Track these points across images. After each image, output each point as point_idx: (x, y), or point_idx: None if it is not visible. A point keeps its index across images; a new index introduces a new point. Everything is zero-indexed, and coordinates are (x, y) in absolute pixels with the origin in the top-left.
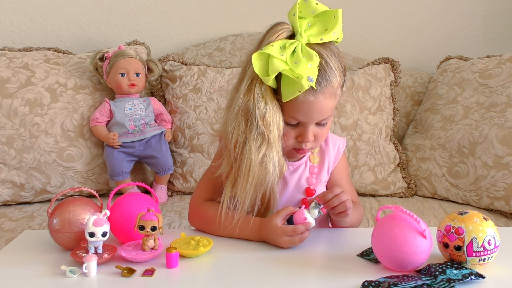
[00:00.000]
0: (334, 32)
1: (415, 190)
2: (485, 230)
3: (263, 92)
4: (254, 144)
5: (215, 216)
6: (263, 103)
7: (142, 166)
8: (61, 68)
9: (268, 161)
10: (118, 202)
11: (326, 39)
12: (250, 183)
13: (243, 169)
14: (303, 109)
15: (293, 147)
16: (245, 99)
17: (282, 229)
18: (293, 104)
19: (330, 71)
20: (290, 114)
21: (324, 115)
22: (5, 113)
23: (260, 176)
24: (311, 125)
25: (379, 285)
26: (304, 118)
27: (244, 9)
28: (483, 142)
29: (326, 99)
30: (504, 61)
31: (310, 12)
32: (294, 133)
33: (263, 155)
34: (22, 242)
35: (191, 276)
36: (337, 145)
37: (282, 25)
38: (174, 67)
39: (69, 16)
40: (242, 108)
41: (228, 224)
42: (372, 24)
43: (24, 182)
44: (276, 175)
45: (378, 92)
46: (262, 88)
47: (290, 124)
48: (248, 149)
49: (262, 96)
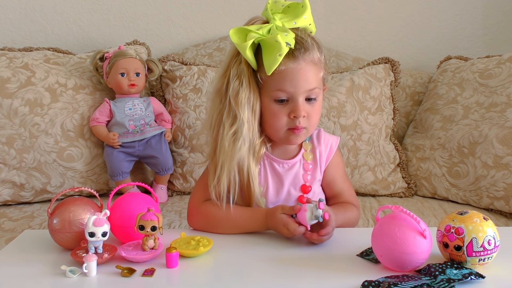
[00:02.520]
0: (305, 16)
1: (415, 190)
2: (485, 230)
3: (239, 71)
4: (227, 122)
5: (217, 213)
6: (237, 82)
7: (142, 166)
8: (61, 68)
9: (238, 137)
10: (118, 202)
11: (299, 23)
12: (223, 159)
13: (219, 149)
14: (288, 77)
15: (288, 127)
16: (220, 80)
17: (284, 223)
18: (277, 75)
19: (306, 42)
20: (277, 87)
21: (310, 84)
22: (5, 113)
23: (231, 152)
24: (300, 97)
25: (379, 285)
26: (291, 87)
27: (244, 9)
28: (483, 142)
29: (308, 65)
30: (504, 61)
31: (280, 6)
32: (286, 110)
33: (233, 132)
34: (22, 242)
35: (191, 276)
36: (329, 143)
37: (256, 17)
38: (174, 67)
39: (69, 16)
40: (219, 89)
41: (233, 218)
42: (372, 24)
43: (24, 182)
44: (243, 152)
45: (378, 92)
46: (239, 68)
47: (279, 101)
48: (222, 127)
49: (238, 76)
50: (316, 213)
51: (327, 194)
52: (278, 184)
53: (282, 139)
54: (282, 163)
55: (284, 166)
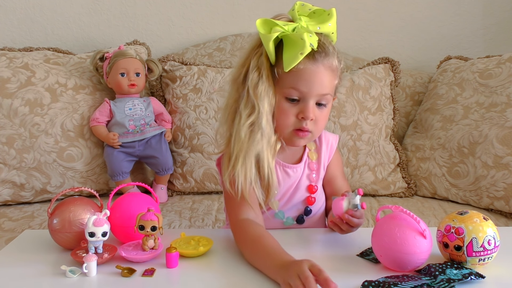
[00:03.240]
0: (330, 23)
1: (415, 190)
2: (485, 230)
3: (259, 63)
4: (244, 112)
5: (249, 247)
6: (256, 73)
7: (142, 166)
8: (61, 68)
9: (256, 129)
10: (118, 202)
11: (322, 29)
12: (238, 149)
13: (234, 139)
14: (304, 77)
15: (294, 128)
16: (240, 70)
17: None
18: (294, 73)
19: (328, 48)
20: (291, 84)
21: (324, 89)
22: (5, 113)
23: (248, 142)
24: (312, 100)
25: (379, 285)
26: (305, 88)
27: (244, 9)
28: (483, 142)
29: (326, 70)
30: (504, 61)
31: (307, 10)
32: (295, 110)
33: (251, 123)
34: (22, 242)
35: (191, 276)
36: (330, 142)
37: (282, 14)
38: (174, 67)
39: (69, 16)
40: (236, 78)
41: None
42: (372, 24)
43: (24, 182)
44: (263, 145)
45: (378, 92)
46: (259, 60)
47: (291, 100)
48: (238, 117)
49: (257, 68)
50: (354, 201)
51: (327, 191)
52: (284, 184)
53: (285, 139)
54: (292, 168)
55: (290, 167)
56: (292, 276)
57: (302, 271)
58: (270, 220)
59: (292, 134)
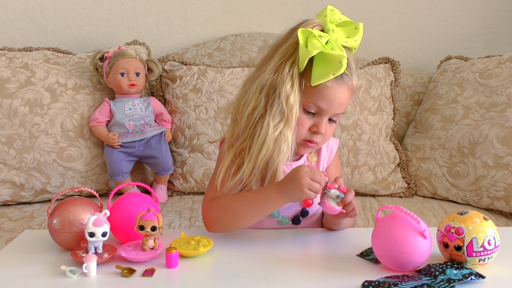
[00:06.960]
0: (356, 40)
1: (415, 190)
2: (485, 230)
3: (292, 74)
4: (272, 121)
5: (227, 199)
6: (289, 84)
7: (142, 166)
8: (61, 68)
9: (283, 140)
10: (118, 202)
11: (349, 43)
12: (262, 157)
13: (256, 142)
14: (328, 96)
15: (304, 139)
16: (272, 76)
17: (310, 168)
18: (320, 89)
19: (352, 69)
20: (313, 100)
21: (341, 109)
22: (5, 113)
23: (273, 152)
24: (327, 116)
25: (379, 285)
26: (326, 106)
27: (244, 9)
28: (483, 142)
29: (348, 91)
30: (504, 61)
31: (337, 19)
32: (310, 123)
33: (279, 133)
34: (22, 242)
35: (191, 276)
36: (330, 145)
37: (313, 20)
38: (174, 67)
39: (69, 16)
40: (266, 84)
41: (243, 196)
42: (372, 24)
43: (24, 182)
44: (286, 157)
45: (378, 92)
46: (293, 70)
47: (308, 113)
48: (266, 124)
49: (291, 78)
50: (334, 194)
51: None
52: None
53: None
54: (290, 165)
55: (290, 167)
56: (301, 180)
57: (305, 171)
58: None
59: (300, 144)
